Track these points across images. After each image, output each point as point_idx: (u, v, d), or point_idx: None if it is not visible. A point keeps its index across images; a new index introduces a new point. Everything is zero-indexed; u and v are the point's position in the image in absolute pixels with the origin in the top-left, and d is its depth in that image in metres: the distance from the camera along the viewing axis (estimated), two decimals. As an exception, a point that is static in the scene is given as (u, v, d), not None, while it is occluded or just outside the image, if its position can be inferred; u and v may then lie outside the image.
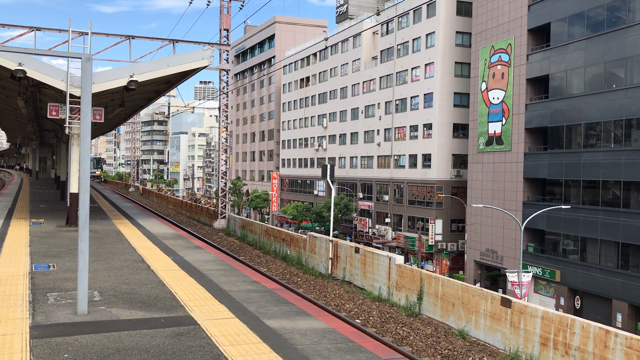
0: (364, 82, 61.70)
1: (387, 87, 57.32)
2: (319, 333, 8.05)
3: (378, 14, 46.43)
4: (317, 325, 8.44)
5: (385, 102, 57.31)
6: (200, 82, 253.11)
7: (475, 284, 37.13)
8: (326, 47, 67.55)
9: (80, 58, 9.54)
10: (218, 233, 42.98)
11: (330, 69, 69.61)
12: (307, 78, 75.06)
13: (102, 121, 21.05)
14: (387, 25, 57.80)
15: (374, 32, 61.90)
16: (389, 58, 56.88)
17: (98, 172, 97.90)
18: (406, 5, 54.13)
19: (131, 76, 19.07)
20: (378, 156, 58.18)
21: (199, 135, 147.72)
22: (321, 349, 7.34)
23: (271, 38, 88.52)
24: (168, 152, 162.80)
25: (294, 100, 78.59)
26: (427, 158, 50.71)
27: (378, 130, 58.18)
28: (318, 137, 70.83)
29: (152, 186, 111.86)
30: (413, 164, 52.42)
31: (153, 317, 8.82)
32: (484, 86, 44.44)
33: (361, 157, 61.42)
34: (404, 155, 53.83)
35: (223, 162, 46.13)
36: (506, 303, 18.75)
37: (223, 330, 8.13)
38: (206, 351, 7.24)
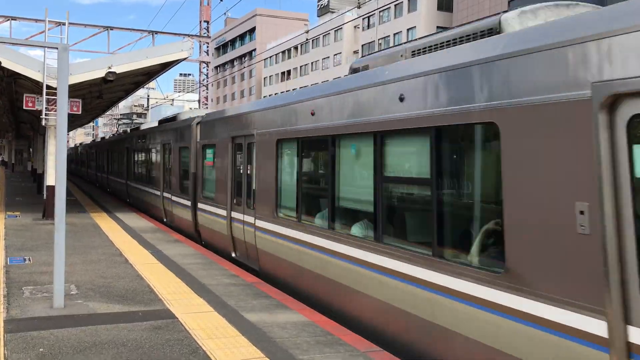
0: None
1: (368, 81, 57.42)
2: (298, 326, 8.05)
3: (359, 7, 46.48)
4: (296, 319, 8.45)
5: (366, 96, 57.38)
6: (180, 74, 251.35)
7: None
8: (307, 40, 67.53)
9: (57, 48, 9.37)
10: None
11: (312, 63, 69.50)
12: (289, 71, 74.85)
13: (80, 113, 20.78)
14: (369, 20, 57.82)
15: (355, 26, 61.83)
16: (371, 52, 57.11)
17: None
18: (387, -1, 54.26)
19: (109, 67, 18.83)
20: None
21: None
22: (300, 342, 7.35)
23: (252, 31, 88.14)
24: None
25: (275, 94, 78.45)
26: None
27: (359, 124, 58.26)
28: (299, 130, 70.78)
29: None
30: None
31: (130, 311, 8.75)
32: (464, 81, 44.78)
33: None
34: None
35: (203, 155, 45.71)
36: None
37: (202, 324, 8.10)
38: (184, 345, 7.21)
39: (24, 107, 19.57)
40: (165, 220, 20.97)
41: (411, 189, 7.70)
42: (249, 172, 12.89)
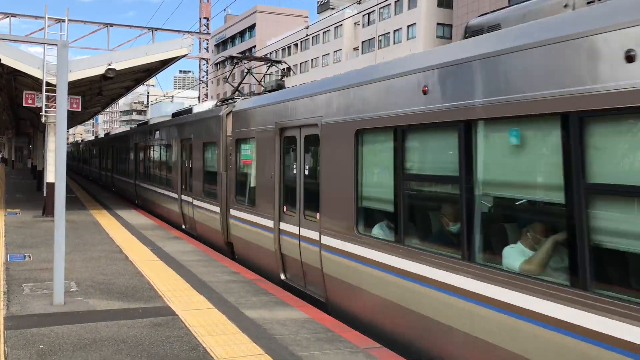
0: (345, 73, 61.70)
1: (368, 78, 57.38)
2: (298, 323, 8.06)
3: (359, 3, 46.40)
4: (296, 315, 8.45)
5: (366, 93, 57.34)
6: (180, 71, 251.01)
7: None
8: (307, 37, 67.46)
9: (57, 45, 9.35)
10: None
11: (312, 60, 69.42)
12: (289, 68, 74.97)
13: (79, 110, 20.75)
14: (369, 16, 57.72)
15: (355, 23, 61.75)
16: (370, 49, 56.88)
17: None
18: (387, -4, 54.23)
19: (109, 64, 18.82)
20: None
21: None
22: (300, 339, 7.36)
23: (252, 27, 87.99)
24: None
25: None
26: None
27: (359, 121, 58.24)
28: (299, 127, 70.73)
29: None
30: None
31: (130, 308, 8.76)
32: (464, 78, 44.74)
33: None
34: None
35: (203, 152, 45.59)
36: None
37: (202, 321, 8.10)
38: (184, 341, 7.21)
39: (24, 104, 19.56)
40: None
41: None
42: (307, 172, 10.14)
